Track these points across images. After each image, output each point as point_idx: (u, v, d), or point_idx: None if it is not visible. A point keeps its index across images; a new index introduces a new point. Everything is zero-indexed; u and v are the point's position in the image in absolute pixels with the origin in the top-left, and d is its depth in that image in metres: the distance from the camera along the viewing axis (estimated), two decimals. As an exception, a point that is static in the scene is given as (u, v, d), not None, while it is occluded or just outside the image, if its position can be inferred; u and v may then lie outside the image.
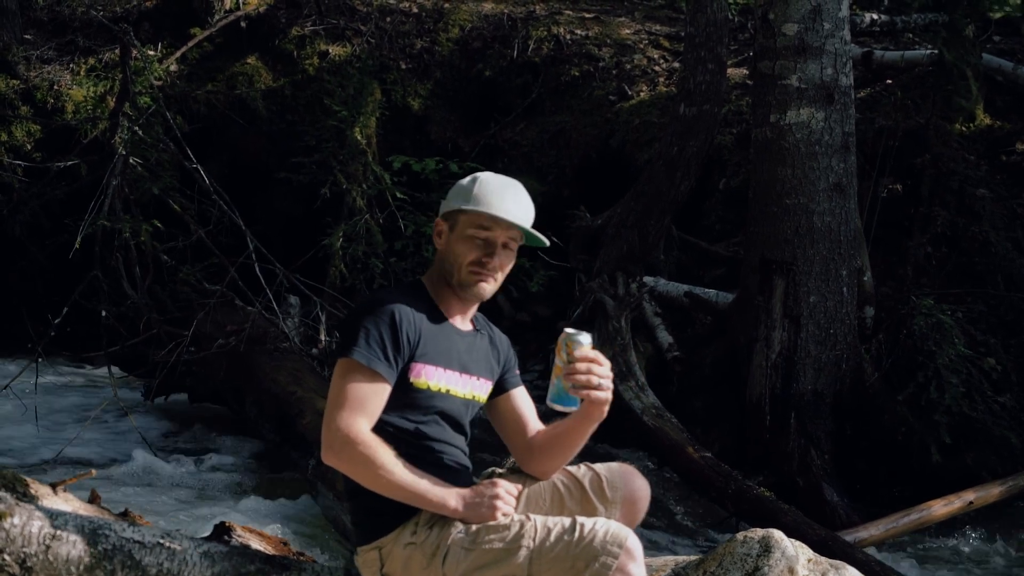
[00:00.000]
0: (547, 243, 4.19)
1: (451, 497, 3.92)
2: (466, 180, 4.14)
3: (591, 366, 3.89)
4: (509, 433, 4.32)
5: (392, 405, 3.96)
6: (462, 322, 4.19)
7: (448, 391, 4.08)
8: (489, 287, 4.11)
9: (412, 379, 4.00)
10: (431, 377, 4.03)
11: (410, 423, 4.01)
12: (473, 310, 4.23)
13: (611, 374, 3.95)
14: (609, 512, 4.06)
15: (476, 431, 4.34)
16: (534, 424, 4.30)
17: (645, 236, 10.52)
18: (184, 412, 10.35)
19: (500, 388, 4.31)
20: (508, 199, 4.06)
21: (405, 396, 3.99)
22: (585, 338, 3.91)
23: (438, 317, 4.11)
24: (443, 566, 3.87)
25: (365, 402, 3.89)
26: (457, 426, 4.15)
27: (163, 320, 10.09)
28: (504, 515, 3.90)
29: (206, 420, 10.13)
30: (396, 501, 3.93)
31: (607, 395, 3.94)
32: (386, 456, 3.87)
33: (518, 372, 4.37)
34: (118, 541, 4.05)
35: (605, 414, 4.02)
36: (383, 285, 10.49)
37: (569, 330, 3.93)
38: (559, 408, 4.00)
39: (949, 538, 7.95)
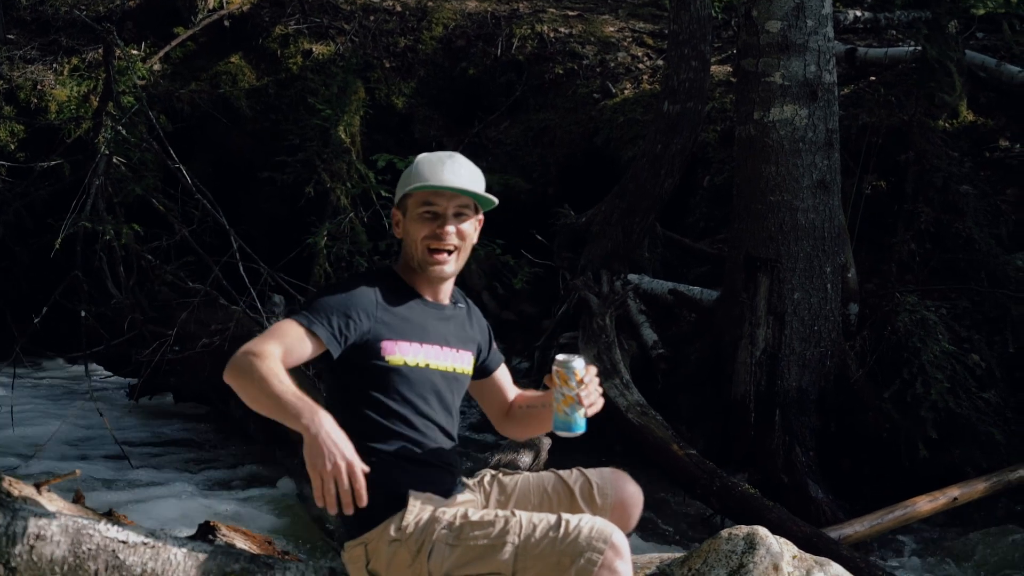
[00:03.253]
0: (496, 202, 4.17)
1: (309, 415, 3.60)
2: (407, 167, 4.17)
3: (591, 391, 3.99)
4: (490, 405, 4.47)
5: (374, 388, 3.96)
6: (436, 297, 4.20)
7: (428, 365, 4.09)
8: (449, 266, 4.12)
9: (388, 358, 3.99)
10: (406, 353, 4.03)
11: (394, 404, 4.00)
12: (446, 287, 4.23)
13: (596, 390, 4.04)
14: (596, 517, 4.06)
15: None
16: (512, 392, 4.44)
17: (629, 234, 10.52)
18: (169, 411, 10.34)
19: (486, 370, 4.39)
20: (445, 170, 4.08)
21: (385, 378, 3.99)
22: (579, 363, 3.96)
23: (408, 295, 4.13)
24: (428, 562, 3.86)
25: (284, 337, 3.84)
26: (442, 402, 4.15)
27: (147, 319, 10.08)
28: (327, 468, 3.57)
29: (191, 419, 10.12)
30: (383, 496, 3.91)
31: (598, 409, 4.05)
32: (265, 365, 3.71)
33: (495, 346, 4.45)
34: (102, 541, 4.04)
35: None
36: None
37: (561, 357, 3.96)
38: (569, 435, 4.00)
39: (934, 534, 7.96)
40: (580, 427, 3.97)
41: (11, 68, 13.73)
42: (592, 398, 3.97)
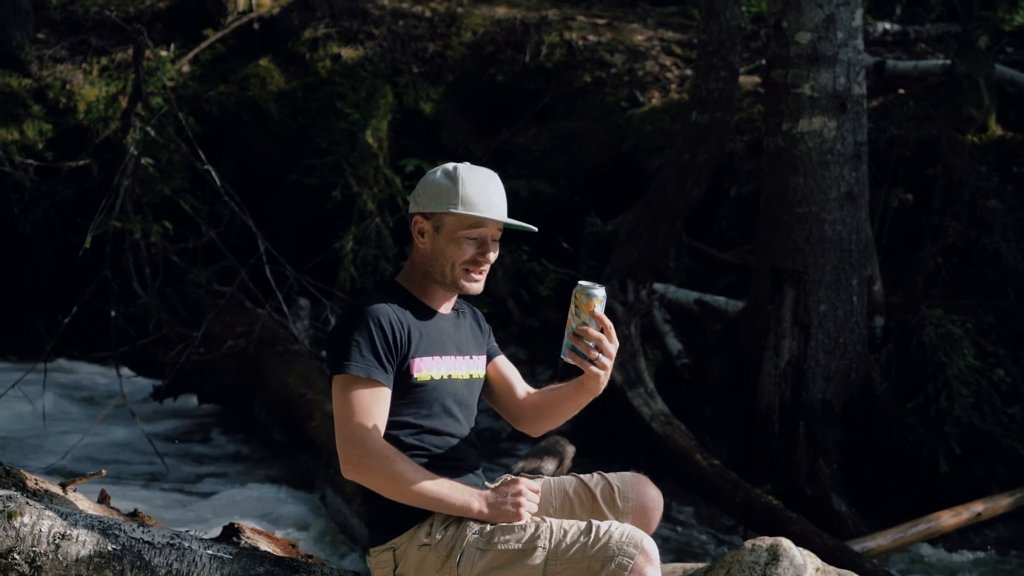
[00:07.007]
0: (535, 229, 4.16)
1: (473, 499, 3.91)
2: (442, 177, 4.06)
3: (602, 338, 3.86)
4: (498, 398, 4.36)
5: (401, 405, 3.96)
6: (446, 307, 4.20)
7: (450, 376, 4.09)
8: (482, 284, 4.13)
9: (416, 375, 3.99)
10: (431, 368, 4.03)
11: (422, 419, 4.00)
12: (456, 297, 4.24)
13: (614, 349, 3.91)
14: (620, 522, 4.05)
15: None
16: (522, 387, 4.34)
17: (655, 243, 10.53)
18: (193, 413, 10.36)
19: (488, 358, 4.35)
20: (493, 195, 4.05)
21: (412, 395, 3.99)
22: (600, 291, 3.85)
23: (424, 310, 4.10)
24: (458, 567, 3.86)
25: (371, 411, 3.88)
26: (466, 411, 4.16)
27: (173, 321, 10.11)
28: (530, 513, 3.90)
29: (215, 421, 10.15)
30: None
31: (598, 371, 3.90)
32: (403, 465, 3.86)
33: (495, 342, 4.41)
34: (128, 541, 4.05)
35: (601, 388, 4.00)
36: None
37: (584, 283, 3.87)
38: (572, 361, 3.91)
39: (957, 549, 7.94)
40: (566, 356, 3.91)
41: (40, 67, 13.77)
42: (585, 345, 3.84)
